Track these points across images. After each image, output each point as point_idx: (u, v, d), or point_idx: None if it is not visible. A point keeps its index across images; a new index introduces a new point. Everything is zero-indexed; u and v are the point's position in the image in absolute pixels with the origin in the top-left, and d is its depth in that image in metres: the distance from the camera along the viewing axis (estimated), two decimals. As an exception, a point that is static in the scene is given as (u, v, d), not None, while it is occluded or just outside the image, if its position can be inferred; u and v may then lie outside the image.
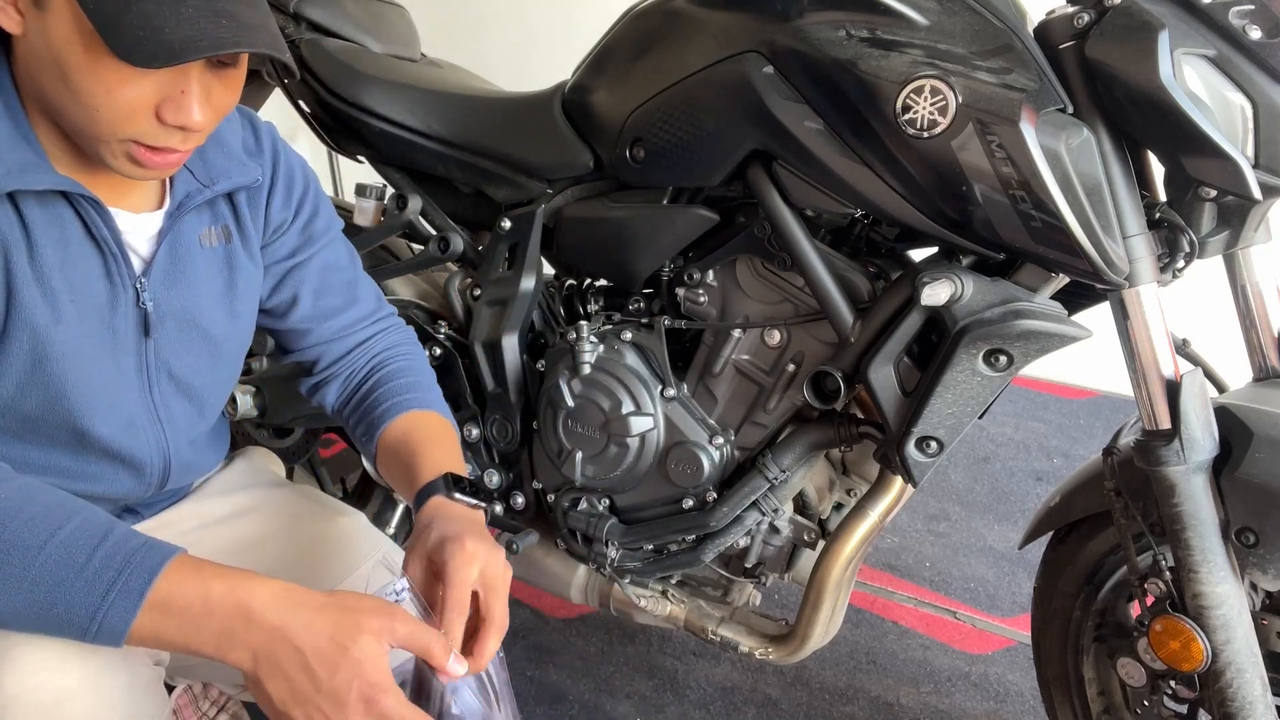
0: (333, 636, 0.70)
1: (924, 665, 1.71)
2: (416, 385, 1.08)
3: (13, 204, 0.79)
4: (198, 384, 0.96)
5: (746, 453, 1.27)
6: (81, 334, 0.84)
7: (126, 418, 0.90)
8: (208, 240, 0.93)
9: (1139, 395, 1.01)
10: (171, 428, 0.94)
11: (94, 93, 0.74)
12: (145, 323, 0.88)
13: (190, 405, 0.96)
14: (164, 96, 0.76)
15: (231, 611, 0.70)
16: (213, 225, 0.94)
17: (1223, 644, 1.01)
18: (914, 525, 2.14)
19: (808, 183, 1.10)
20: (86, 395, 0.85)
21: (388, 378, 1.08)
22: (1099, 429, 2.57)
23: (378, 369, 1.09)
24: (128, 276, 0.86)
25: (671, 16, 1.20)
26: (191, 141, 0.80)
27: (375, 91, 1.45)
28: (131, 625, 0.69)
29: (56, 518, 0.71)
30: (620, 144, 1.23)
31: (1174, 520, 1.00)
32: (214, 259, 0.94)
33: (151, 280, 0.88)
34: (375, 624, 0.72)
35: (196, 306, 0.93)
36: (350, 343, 1.10)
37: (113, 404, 0.88)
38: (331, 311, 1.07)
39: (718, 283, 1.24)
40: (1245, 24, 0.92)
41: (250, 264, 0.98)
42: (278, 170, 1.00)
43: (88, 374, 0.85)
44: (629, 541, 1.33)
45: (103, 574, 0.69)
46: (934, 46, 0.98)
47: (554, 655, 1.71)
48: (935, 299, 1.03)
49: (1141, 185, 1.01)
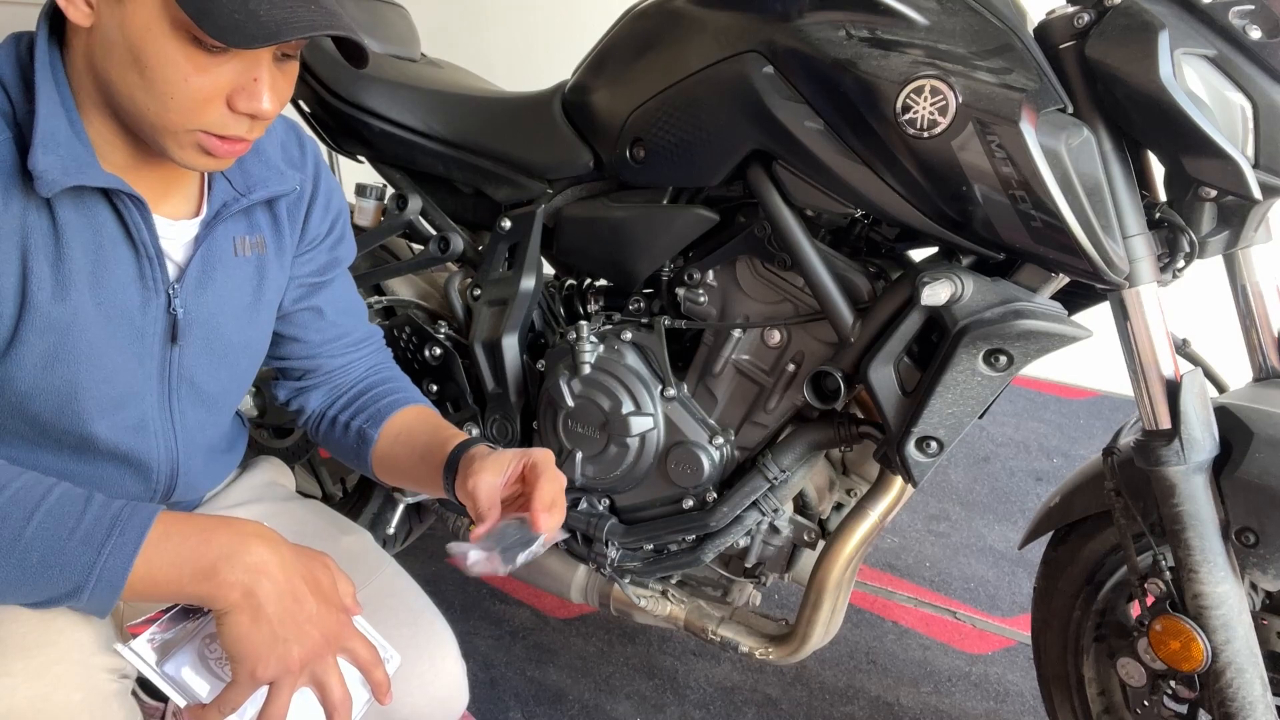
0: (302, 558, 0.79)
1: (924, 665, 1.70)
2: (412, 388, 1.15)
3: (48, 204, 0.79)
4: (215, 390, 0.96)
5: (746, 453, 1.27)
6: (105, 338, 0.84)
7: (137, 422, 0.90)
8: (242, 249, 0.94)
9: (1139, 395, 1.01)
10: (185, 434, 0.95)
11: (171, 80, 0.75)
12: (174, 329, 0.89)
13: (205, 411, 0.97)
14: (236, 85, 0.77)
15: (229, 532, 0.75)
16: (249, 234, 0.95)
17: (1223, 644, 1.01)
18: (914, 525, 2.14)
19: (808, 183, 1.10)
20: (98, 400, 0.85)
21: (383, 381, 1.13)
22: (1099, 429, 2.57)
23: (370, 375, 1.13)
24: (161, 282, 0.87)
25: (671, 16, 1.20)
26: (257, 130, 0.81)
27: (375, 91, 1.45)
28: (129, 573, 0.72)
29: (38, 491, 0.73)
30: (620, 144, 1.23)
31: (1174, 520, 1.00)
32: (246, 268, 0.95)
33: (184, 287, 0.89)
34: (330, 560, 0.82)
35: (223, 315, 0.93)
36: (346, 359, 1.12)
37: (126, 409, 0.88)
38: (342, 332, 1.10)
39: (718, 283, 1.24)
40: (1245, 24, 0.92)
41: (280, 274, 0.99)
42: (319, 184, 1.02)
43: (105, 378, 0.85)
44: (629, 541, 1.33)
45: (95, 532, 0.72)
46: (934, 46, 0.98)
47: (554, 655, 1.70)
48: (935, 299, 1.03)
49: (1141, 185, 1.01)
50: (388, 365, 1.17)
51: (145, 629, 0.80)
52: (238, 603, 0.73)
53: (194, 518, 0.76)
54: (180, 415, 0.94)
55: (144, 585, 0.73)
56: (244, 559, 0.74)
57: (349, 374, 1.12)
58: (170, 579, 0.73)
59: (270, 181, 0.94)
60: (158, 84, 0.75)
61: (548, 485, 0.90)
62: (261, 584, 0.74)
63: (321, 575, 0.79)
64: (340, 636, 0.78)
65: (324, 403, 1.12)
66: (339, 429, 1.10)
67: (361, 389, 1.11)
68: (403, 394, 1.11)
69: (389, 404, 1.08)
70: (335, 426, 1.10)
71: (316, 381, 1.11)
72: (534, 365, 1.38)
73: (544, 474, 0.91)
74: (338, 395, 1.12)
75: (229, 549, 0.74)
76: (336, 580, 0.81)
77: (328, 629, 0.77)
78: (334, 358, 1.11)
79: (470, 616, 1.79)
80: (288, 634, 0.74)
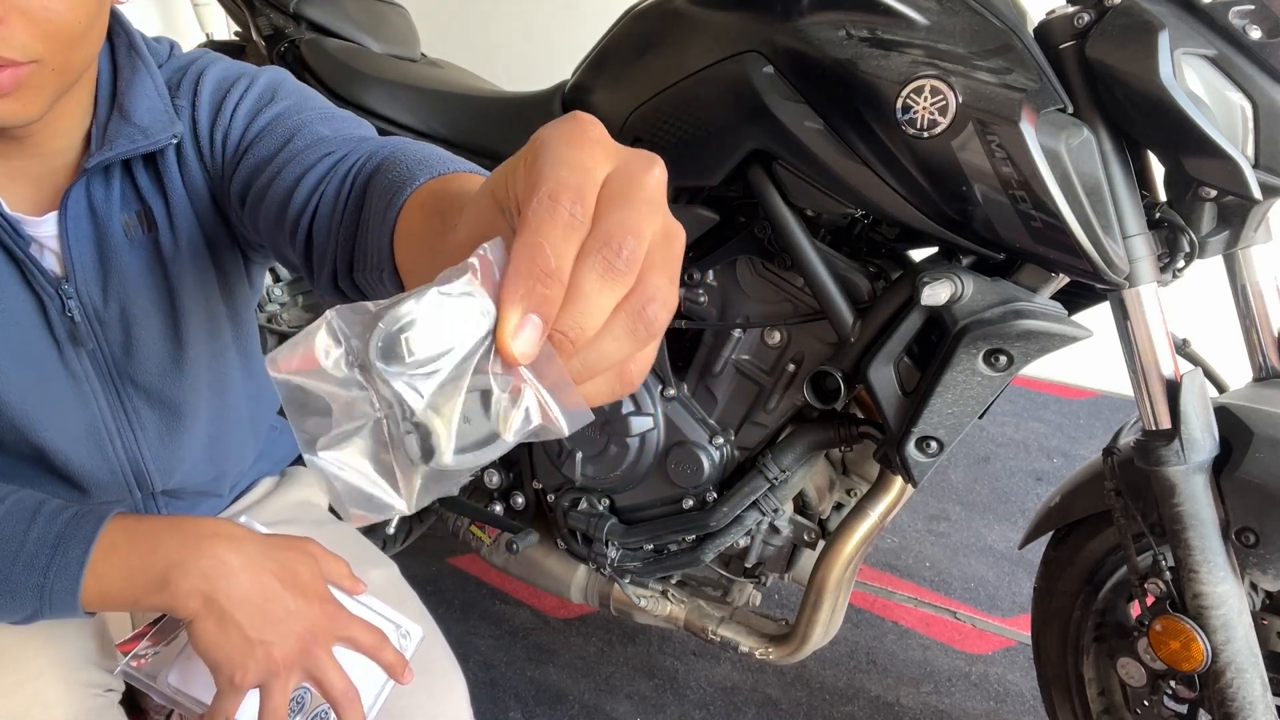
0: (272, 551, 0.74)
1: (924, 665, 1.70)
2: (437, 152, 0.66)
3: None
4: (168, 392, 0.88)
5: (746, 453, 1.27)
6: (13, 346, 0.78)
7: (85, 426, 0.84)
8: (130, 233, 0.81)
9: (1139, 395, 1.01)
10: (144, 434, 0.88)
11: None
12: (74, 332, 0.81)
13: (162, 413, 0.89)
14: None
15: (181, 536, 0.71)
16: (135, 212, 0.81)
17: (1223, 644, 1.01)
18: (914, 525, 2.14)
19: (808, 183, 1.10)
20: (26, 410, 0.80)
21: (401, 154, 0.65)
22: (1099, 429, 2.57)
23: (383, 152, 0.70)
24: (48, 284, 0.78)
25: (671, 16, 1.20)
26: (6, 46, 0.62)
27: (375, 91, 1.45)
28: (80, 593, 0.69)
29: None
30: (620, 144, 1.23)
31: (1174, 520, 1.00)
32: (141, 252, 0.82)
33: (77, 284, 0.79)
34: (313, 547, 0.76)
35: (137, 307, 0.83)
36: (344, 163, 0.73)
37: (62, 413, 0.83)
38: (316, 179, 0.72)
39: (718, 283, 1.24)
40: (1245, 24, 0.92)
41: (187, 250, 0.83)
42: (199, 103, 0.80)
43: (24, 385, 0.80)
44: (629, 541, 1.33)
45: (39, 553, 0.69)
46: (934, 46, 0.98)
47: (554, 655, 1.70)
48: (935, 299, 1.03)
49: (1141, 185, 1.01)
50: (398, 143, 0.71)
51: (135, 644, 0.78)
52: (198, 611, 0.70)
53: (145, 523, 0.72)
54: (136, 415, 0.87)
55: (101, 601, 0.70)
56: (197, 564, 0.70)
57: (353, 159, 0.71)
58: (125, 592, 0.70)
59: (126, 136, 0.75)
60: None
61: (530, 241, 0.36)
62: (220, 588, 0.70)
63: (300, 565, 0.75)
64: (330, 628, 0.74)
65: (334, 208, 0.70)
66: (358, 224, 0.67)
67: (377, 166, 0.67)
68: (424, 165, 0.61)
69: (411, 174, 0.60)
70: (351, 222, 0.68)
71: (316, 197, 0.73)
72: (534, 365, 1.38)
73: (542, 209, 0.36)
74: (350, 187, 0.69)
75: (179, 556, 0.70)
76: (323, 565, 0.77)
77: (311, 623, 0.73)
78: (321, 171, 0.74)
79: (470, 616, 1.79)
80: (264, 635, 0.71)
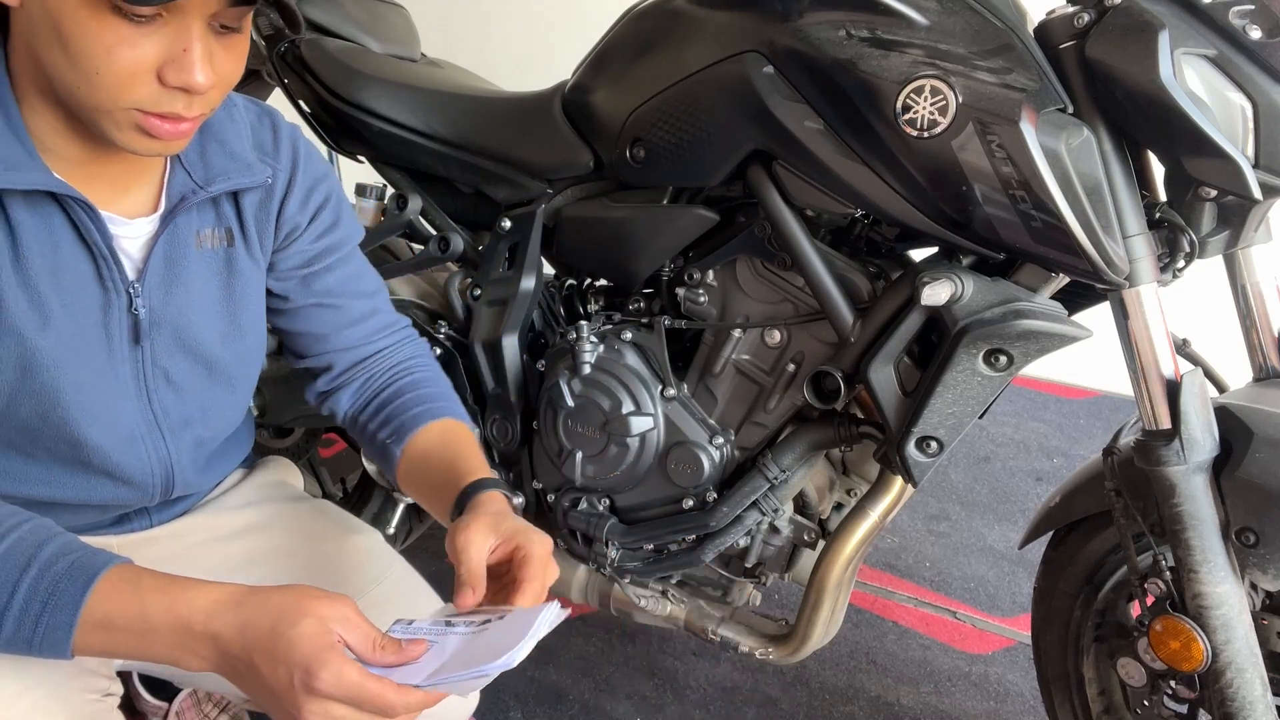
0: (273, 628, 0.67)
1: (924, 665, 1.70)
2: (444, 395, 1.05)
3: (2, 204, 0.77)
4: (201, 397, 0.93)
5: (746, 453, 1.27)
6: (73, 339, 0.82)
7: (125, 426, 0.88)
8: (208, 242, 0.90)
9: (1139, 395, 1.01)
10: (174, 439, 0.92)
11: (93, 55, 0.71)
12: (136, 330, 0.86)
13: (193, 418, 0.94)
14: (166, 57, 0.73)
15: (173, 626, 0.69)
16: (215, 227, 0.91)
17: (1223, 644, 1.01)
18: (914, 525, 2.14)
19: (808, 183, 1.10)
20: (80, 403, 0.84)
21: (413, 385, 1.05)
22: (1099, 429, 2.57)
23: (400, 376, 1.06)
24: (120, 282, 0.84)
25: (671, 16, 1.20)
26: (197, 107, 0.77)
27: (375, 91, 1.45)
28: (70, 650, 0.69)
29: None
30: (620, 144, 1.23)
31: (1174, 520, 1.00)
32: (212, 262, 0.91)
33: (146, 286, 0.86)
34: (322, 608, 0.68)
35: (192, 312, 0.90)
36: (367, 350, 1.06)
37: (109, 411, 0.86)
38: (351, 320, 1.04)
39: (718, 283, 1.24)
40: (1245, 24, 0.92)
41: (253, 268, 0.95)
42: (295, 174, 0.96)
43: (80, 380, 0.83)
44: (629, 541, 1.33)
45: (29, 608, 0.68)
46: (934, 46, 0.98)
47: (554, 655, 1.70)
48: (935, 299, 1.03)
49: (1141, 185, 1.01)
50: (422, 363, 1.09)
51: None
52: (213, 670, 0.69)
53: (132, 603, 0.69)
54: (166, 419, 0.91)
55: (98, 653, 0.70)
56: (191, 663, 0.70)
57: (377, 369, 1.06)
58: (122, 655, 0.70)
59: (233, 174, 0.89)
60: (80, 59, 0.71)
61: (531, 586, 0.78)
62: (224, 666, 0.69)
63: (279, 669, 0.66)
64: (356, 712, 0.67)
65: (353, 405, 1.06)
66: (367, 438, 1.04)
67: (390, 394, 1.04)
68: (432, 404, 1.01)
69: (415, 416, 1.00)
70: (365, 435, 1.04)
71: (341, 380, 1.05)
72: (534, 365, 1.38)
73: (532, 573, 0.79)
74: (367, 398, 1.05)
75: (172, 657, 0.70)
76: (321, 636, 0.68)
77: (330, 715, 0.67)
78: (353, 349, 1.05)
79: (470, 616, 1.79)
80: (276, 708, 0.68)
